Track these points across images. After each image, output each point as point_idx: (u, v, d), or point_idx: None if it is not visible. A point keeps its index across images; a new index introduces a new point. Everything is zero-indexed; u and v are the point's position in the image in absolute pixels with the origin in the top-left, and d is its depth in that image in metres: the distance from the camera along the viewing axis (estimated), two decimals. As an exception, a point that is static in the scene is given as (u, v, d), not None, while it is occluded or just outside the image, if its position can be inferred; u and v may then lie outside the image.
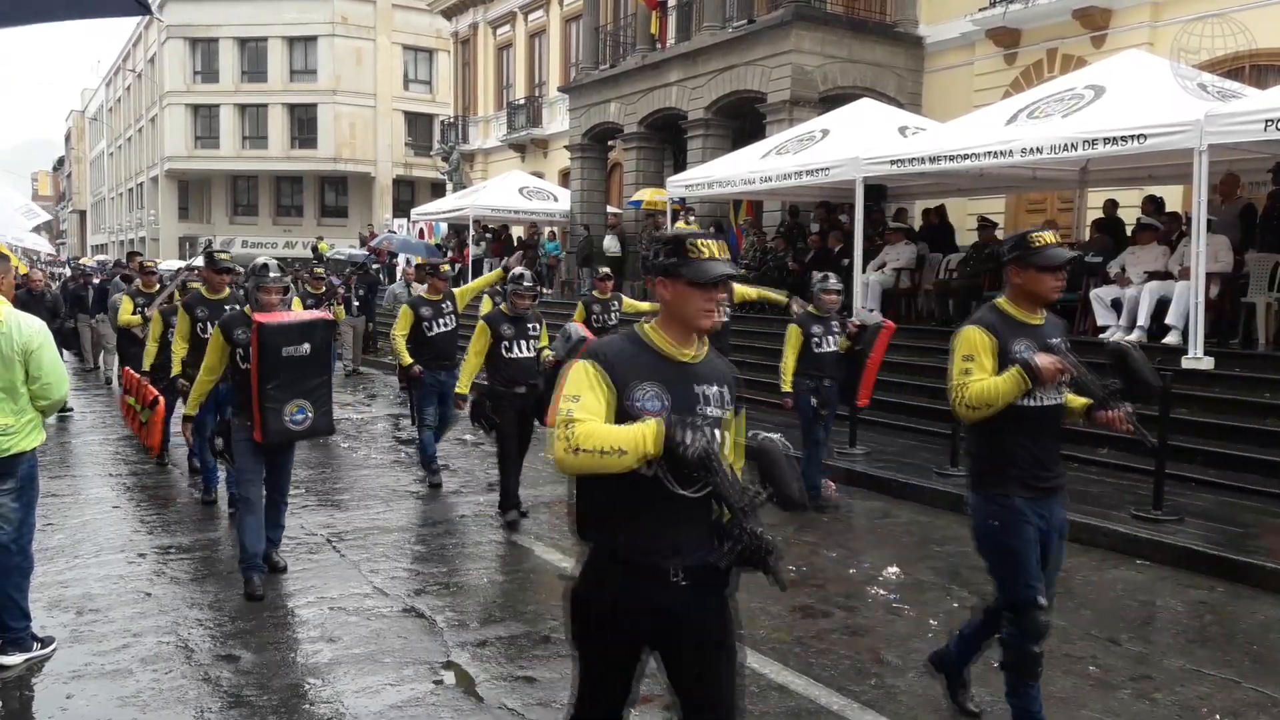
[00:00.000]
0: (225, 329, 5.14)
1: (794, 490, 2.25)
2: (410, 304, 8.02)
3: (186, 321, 6.65)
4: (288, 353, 4.97)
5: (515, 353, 6.55)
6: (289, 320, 5.12)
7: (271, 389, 4.95)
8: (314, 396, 5.10)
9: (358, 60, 39.63)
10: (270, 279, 5.15)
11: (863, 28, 15.41)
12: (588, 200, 19.93)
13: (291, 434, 5.13)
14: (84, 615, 4.88)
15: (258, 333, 4.92)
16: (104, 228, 61.18)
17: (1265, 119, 7.36)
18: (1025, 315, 3.47)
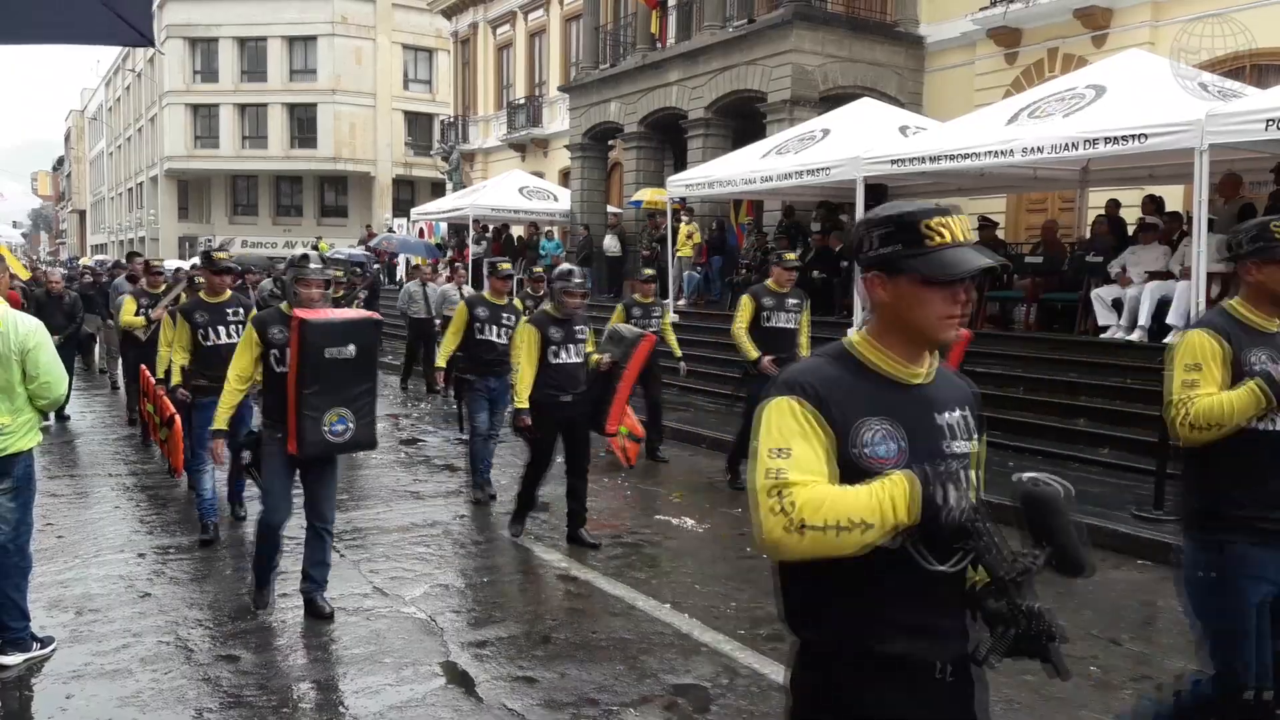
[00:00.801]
0: (260, 327, 4.67)
1: (1081, 551, 1.77)
2: (467, 302, 7.58)
3: (186, 330, 6.13)
4: (330, 355, 4.43)
5: (562, 358, 5.89)
6: (334, 318, 4.60)
7: (310, 395, 4.41)
8: (356, 405, 4.55)
9: (357, 60, 39.62)
10: (311, 271, 4.66)
11: (863, 27, 15.41)
12: (588, 200, 19.93)
13: (330, 446, 4.55)
14: (84, 615, 4.87)
15: (299, 331, 4.37)
16: (104, 227, 61.17)
17: (1266, 119, 7.35)
18: (1263, 321, 2.89)
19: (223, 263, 6.30)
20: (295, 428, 4.46)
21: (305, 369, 4.40)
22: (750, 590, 5.42)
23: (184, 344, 6.10)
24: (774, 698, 4.02)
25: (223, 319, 6.16)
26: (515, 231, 22.03)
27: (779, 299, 7.37)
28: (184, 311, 6.19)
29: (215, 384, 5.48)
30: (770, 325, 7.30)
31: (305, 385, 4.41)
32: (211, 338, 6.10)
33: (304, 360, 4.39)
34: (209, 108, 41.14)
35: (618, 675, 4.24)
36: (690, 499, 7.61)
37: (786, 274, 7.40)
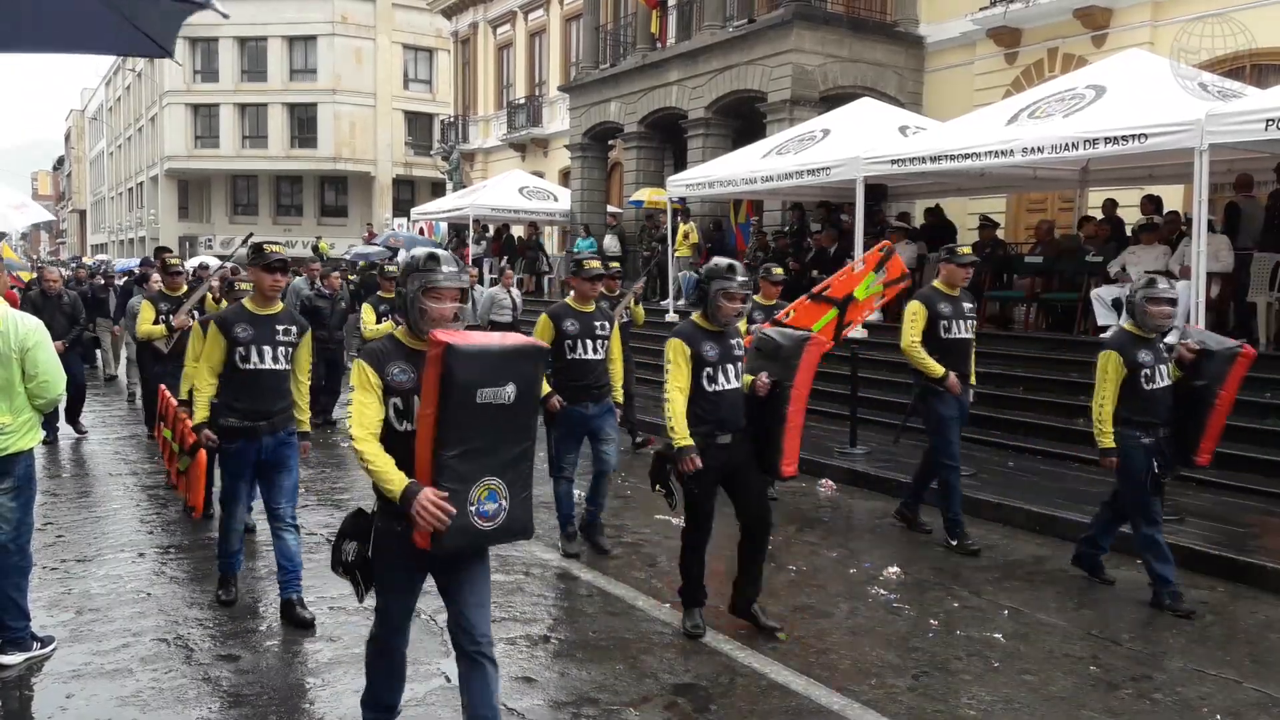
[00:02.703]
0: (376, 363, 3.06)
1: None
2: (552, 315, 5.88)
3: (220, 347, 4.66)
4: (485, 398, 2.91)
5: (720, 383, 4.44)
6: (491, 345, 2.98)
7: (453, 460, 2.89)
8: (513, 474, 3.03)
9: (358, 60, 39.62)
10: (443, 277, 3.09)
11: (863, 27, 15.42)
12: (588, 200, 19.94)
13: (478, 536, 3.00)
14: (83, 615, 4.88)
15: (443, 363, 2.83)
16: (104, 227, 61.18)
17: (1266, 118, 7.35)
18: None
19: (275, 257, 4.70)
20: None
21: (448, 421, 2.88)
22: (750, 590, 5.42)
23: (214, 365, 4.65)
24: (774, 696, 4.03)
25: (270, 337, 4.67)
26: (515, 231, 22.04)
27: (954, 303, 6.17)
28: (220, 322, 4.66)
29: (252, 422, 4.62)
30: (950, 336, 6.12)
31: (447, 445, 2.89)
32: (253, 360, 4.63)
33: (447, 408, 2.87)
34: (209, 107, 41.14)
35: (617, 675, 4.25)
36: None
37: (964, 271, 6.21)
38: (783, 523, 6.89)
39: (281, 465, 4.78)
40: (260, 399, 4.66)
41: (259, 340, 4.65)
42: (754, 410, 4.66)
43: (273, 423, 4.72)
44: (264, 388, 4.67)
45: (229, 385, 4.70)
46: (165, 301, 7.81)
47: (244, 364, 4.65)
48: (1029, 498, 7.00)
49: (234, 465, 4.79)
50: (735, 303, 4.48)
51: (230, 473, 4.83)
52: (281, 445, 4.77)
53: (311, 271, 12.84)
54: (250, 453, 4.71)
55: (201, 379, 4.76)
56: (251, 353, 4.64)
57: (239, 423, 4.66)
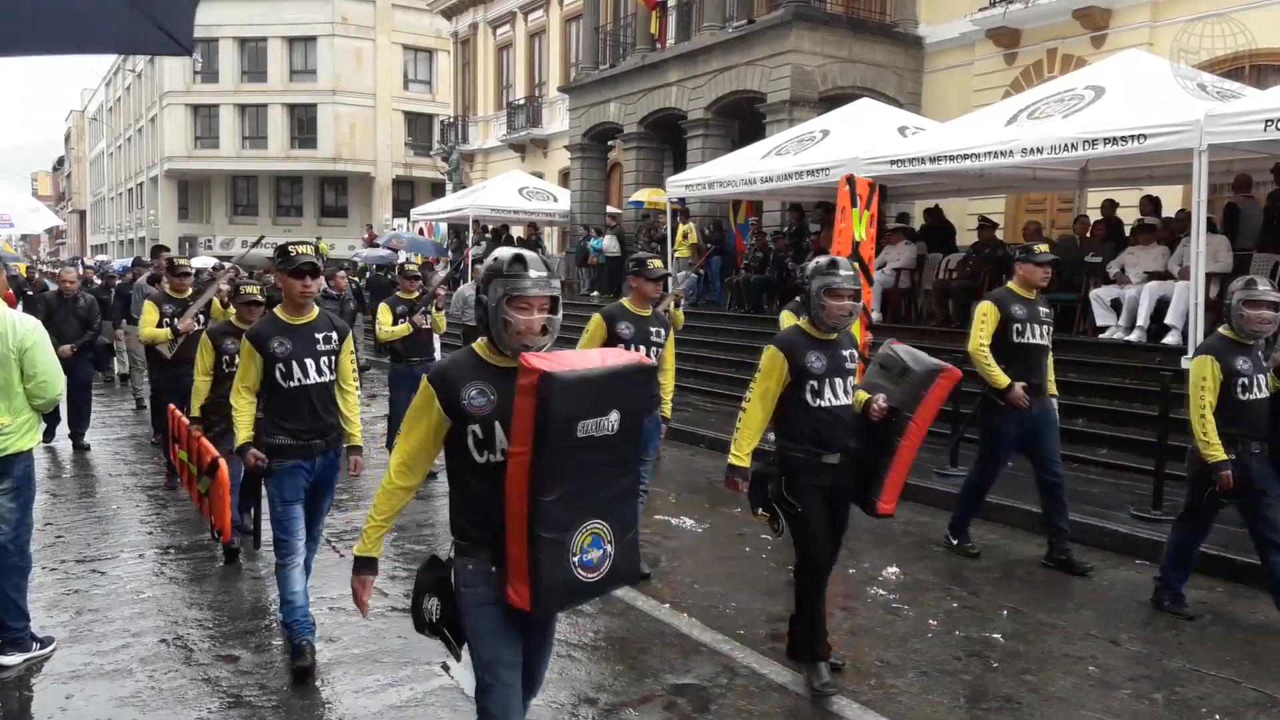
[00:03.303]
0: (446, 385, 2.60)
1: None
2: (605, 316, 5.43)
3: (256, 365, 4.19)
4: (586, 430, 2.49)
5: (828, 398, 3.97)
6: (593, 369, 2.53)
7: (552, 504, 2.50)
8: (617, 513, 2.64)
9: (357, 60, 39.63)
10: (531, 284, 2.63)
11: (862, 28, 15.42)
12: (587, 200, 19.95)
13: (582, 591, 2.61)
14: (83, 615, 4.88)
15: (538, 394, 2.41)
16: (104, 228, 61.19)
17: (1265, 119, 7.36)
18: None
19: (305, 259, 4.18)
20: (527, 563, 2.50)
21: (546, 462, 2.47)
22: (750, 590, 5.43)
23: (251, 384, 4.25)
24: (773, 697, 4.03)
25: (310, 348, 4.23)
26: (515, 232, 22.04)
27: (1029, 306, 5.78)
28: (254, 339, 4.22)
29: (303, 441, 4.20)
30: (1022, 341, 5.75)
31: (545, 489, 2.47)
32: (296, 375, 4.18)
33: (544, 447, 2.46)
34: (209, 108, 41.15)
35: (617, 675, 4.25)
36: (690, 499, 7.61)
37: (1041, 271, 5.83)
38: (782, 523, 6.90)
39: (327, 487, 4.42)
40: (312, 415, 4.24)
41: (298, 353, 4.18)
42: (861, 433, 4.11)
43: (328, 440, 4.32)
44: (312, 404, 4.23)
45: (273, 405, 4.24)
46: (170, 303, 7.33)
47: (286, 381, 4.17)
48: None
49: (289, 484, 4.21)
50: (843, 300, 3.91)
51: (284, 497, 4.21)
52: (331, 467, 4.36)
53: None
54: (304, 471, 4.26)
55: (239, 400, 4.27)
56: (293, 368, 4.17)
57: (289, 440, 4.20)
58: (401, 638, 4.61)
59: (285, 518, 4.25)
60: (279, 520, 4.26)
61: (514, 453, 2.49)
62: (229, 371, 5.30)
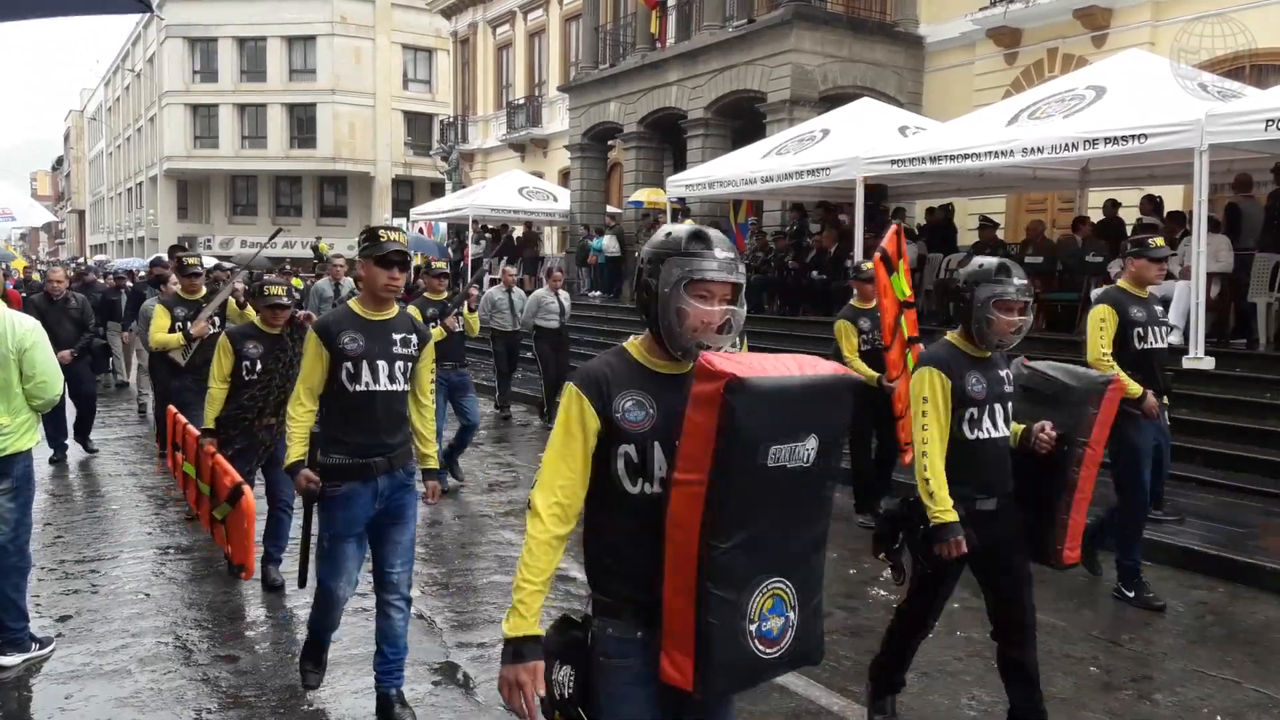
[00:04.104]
0: (594, 387, 2.09)
1: None
2: None
3: (323, 362, 3.57)
4: (777, 459, 1.97)
5: (986, 429, 3.31)
6: (790, 378, 2.00)
7: (730, 551, 1.96)
8: (805, 570, 2.09)
9: (357, 60, 39.62)
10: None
11: (863, 27, 15.42)
12: (587, 200, 19.95)
13: (758, 670, 2.06)
14: (83, 615, 4.87)
15: (725, 406, 1.89)
16: (103, 227, 61.17)
17: (1266, 119, 7.36)
18: None
19: (396, 247, 3.52)
20: (692, 629, 1.96)
21: (727, 496, 1.92)
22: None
23: (313, 385, 3.61)
24: (773, 697, 4.02)
25: (386, 349, 3.62)
26: (515, 231, 22.05)
27: (1147, 307, 5.20)
28: (323, 331, 3.60)
29: (364, 460, 3.57)
30: (1144, 347, 5.13)
31: (723, 532, 1.94)
32: (364, 379, 3.58)
33: (727, 476, 1.91)
34: (208, 108, 41.13)
35: (617, 675, 4.23)
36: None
37: (1157, 267, 5.21)
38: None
39: (398, 515, 3.70)
40: (375, 429, 3.61)
41: (372, 353, 3.57)
42: (1023, 470, 3.44)
43: (391, 459, 3.63)
44: (380, 414, 3.61)
45: (333, 412, 3.62)
46: (182, 306, 6.71)
47: (354, 384, 3.56)
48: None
49: (342, 516, 3.59)
50: (1013, 315, 3.27)
51: (336, 528, 3.61)
52: (400, 489, 3.68)
53: (335, 272, 12.13)
54: (363, 499, 3.59)
55: (298, 407, 3.63)
56: (363, 369, 3.56)
57: (348, 459, 3.57)
58: (401, 638, 4.59)
59: (332, 556, 3.61)
60: (325, 559, 3.63)
61: (681, 482, 1.94)
62: (248, 379, 5.09)
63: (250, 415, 5.14)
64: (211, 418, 5.09)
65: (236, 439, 5.14)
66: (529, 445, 9.88)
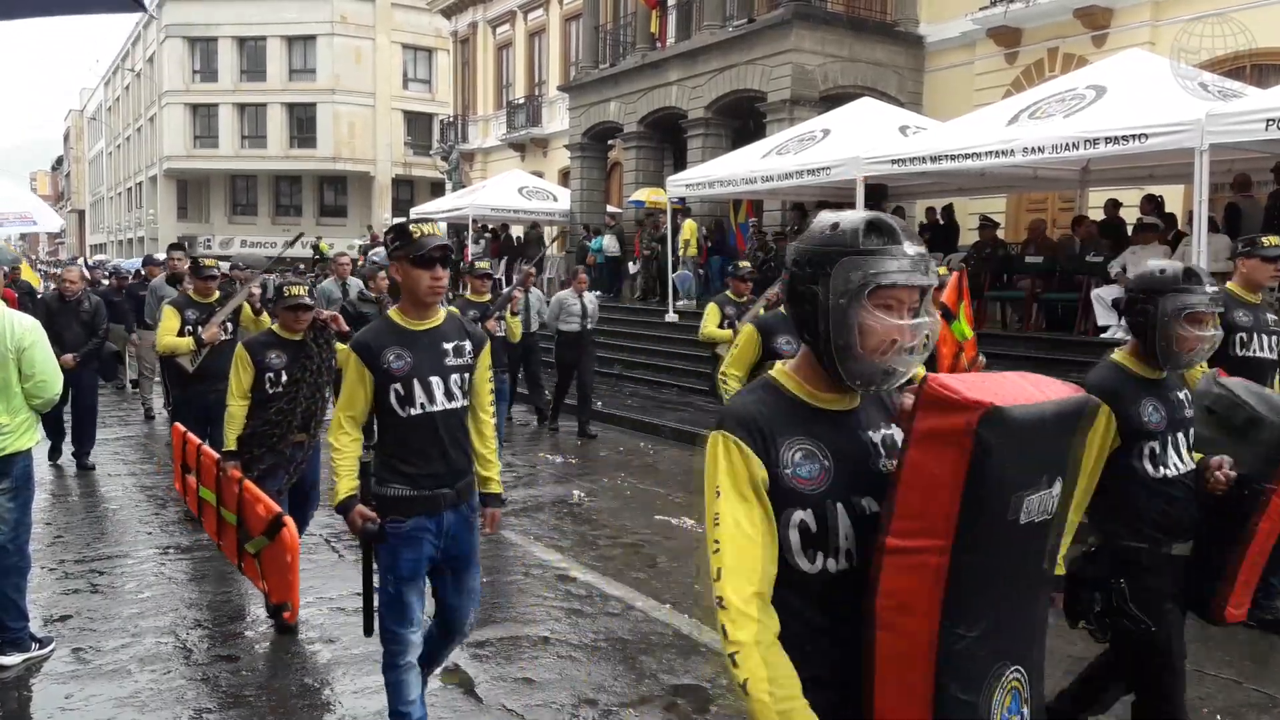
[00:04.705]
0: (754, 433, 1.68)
1: None
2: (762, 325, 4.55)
3: (366, 385, 3.10)
4: (1027, 512, 1.50)
5: (1171, 465, 2.86)
6: (1038, 407, 1.51)
7: (971, 642, 1.49)
8: (1036, 654, 1.67)
9: (357, 59, 39.62)
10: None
11: (863, 27, 15.42)
12: (587, 200, 19.94)
13: None
14: (82, 615, 4.87)
15: (978, 443, 1.43)
16: (103, 227, 61.18)
17: (1266, 118, 7.35)
18: None
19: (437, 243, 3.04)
20: None
21: (976, 568, 1.49)
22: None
23: (358, 413, 3.16)
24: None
25: (437, 362, 3.14)
26: (515, 231, 22.04)
27: (1255, 312, 4.75)
28: (363, 349, 3.11)
29: (428, 490, 3.11)
30: (1246, 354, 4.70)
31: (968, 616, 1.50)
32: (418, 400, 3.09)
33: (976, 538, 1.47)
34: (208, 107, 41.13)
35: (617, 675, 4.24)
36: (690, 499, 7.59)
37: (1270, 268, 4.76)
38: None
39: (464, 554, 3.26)
40: (439, 455, 3.13)
41: (422, 370, 3.08)
42: (1189, 516, 2.90)
43: (459, 488, 3.19)
44: (442, 438, 3.13)
45: (389, 438, 3.15)
46: (193, 309, 6.25)
47: (406, 407, 3.07)
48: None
49: (407, 557, 3.12)
50: (1206, 329, 2.79)
51: (400, 570, 3.12)
52: (464, 525, 3.24)
53: (341, 270, 11.07)
54: (429, 535, 3.13)
55: (341, 436, 3.15)
56: (415, 389, 3.06)
57: (410, 490, 3.10)
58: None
59: (399, 602, 3.15)
60: (390, 605, 3.16)
61: (902, 550, 1.49)
62: (272, 392, 4.58)
63: (277, 431, 4.61)
64: (233, 438, 4.55)
65: (262, 458, 4.62)
66: (529, 445, 9.88)
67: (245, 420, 4.57)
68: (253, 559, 4.34)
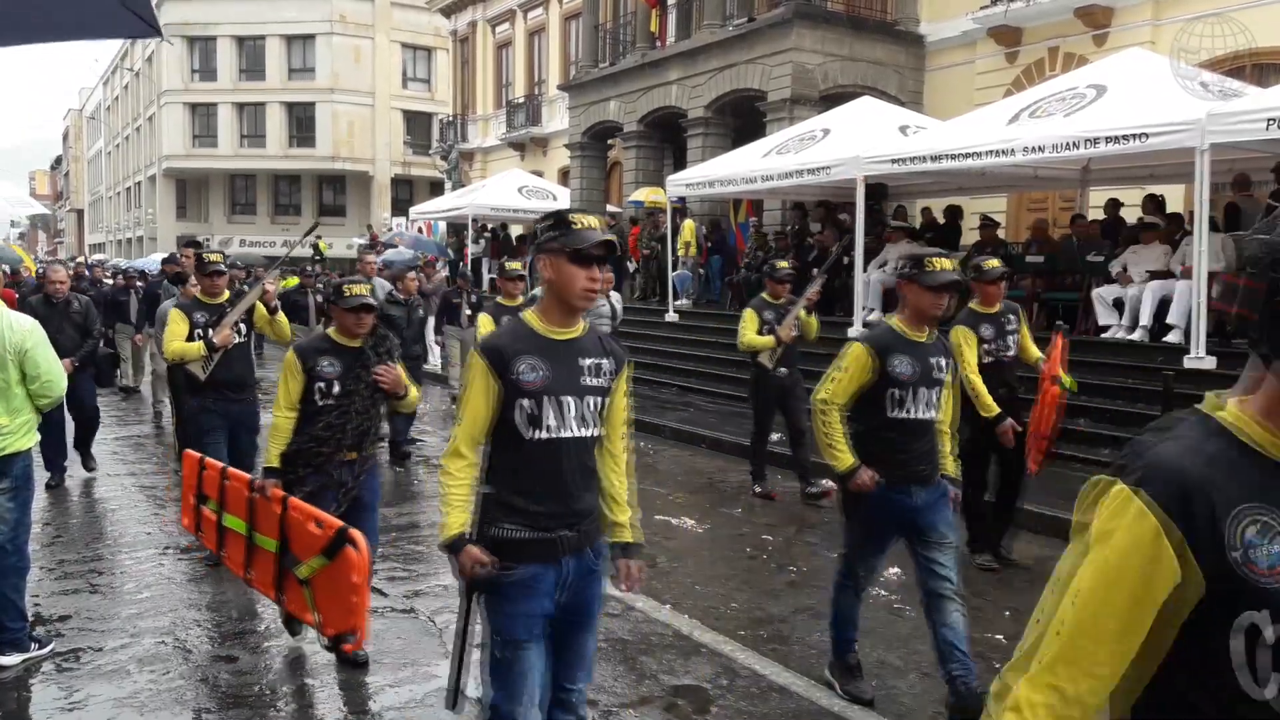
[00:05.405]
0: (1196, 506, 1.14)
1: None
2: (874, 343, 3.78)
3: (492, 398, 2.57)
4: None
5: None
6: None
7: None
8: None
9: (356, 59, 39.60)
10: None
11: (863, 26, 15.42)
12: (587, 199, 19.93)
13: None
14: (82, 615, 4.86)
15: None
16: (102, 227, 61.16)
17: (1267, 118, 7.35)
18: None
19: (599, 237, 2.59)
20: None
21: None
22: (750, 591, 5.41)
23: (478, 433, 2.61)
24: (773, 698, 4.01)
25: (574, 379, 2.61)
26: (515, 231, 22.04)
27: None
28: (493, 353, 2.58)
29: (547, 533, 2.58)
30: None
31: None
32: (548, 422, 2.57)
33: None
34: (207, 107, 41.11)
35: (617, 676, 4.23)
36: (690, 499, 7.59)
37: None
38: (782, 523, 6.88)
39: (583, 613, 2.71)
40: (563, 491, 2.61)
41: (556, 385, 2.56)
42: None
43: (583, 531, 2.66)
44: (568, 471, 2.61)
45: (504, 467, 2.61)
46: (201, 310, 5.69)
47: (533, 429, 2.55)
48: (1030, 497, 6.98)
49: (520, 613, 2.58)
50: None
51: (512, 630, 2.57)
52: (588, 576, 2.69)
53: (367, 269, 9.74)
54: (545, 587, 2.60)
55: (456, 461, 2.61)
56: (545, 409, 2.55)
57: (526, 531, 2.58)
58: (400, 638, 4.58)
59: (511, 672, 2.57)
60: (499, 676, 2.58)
61: None
62: (320, 405, 4.07)
63: (326, 449, 4.08)
64: (276, 454, 4.06)
65: (306, 479, 4.08)
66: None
67: (292, 434, 4.10)
68: (299, 587, 3.62)
